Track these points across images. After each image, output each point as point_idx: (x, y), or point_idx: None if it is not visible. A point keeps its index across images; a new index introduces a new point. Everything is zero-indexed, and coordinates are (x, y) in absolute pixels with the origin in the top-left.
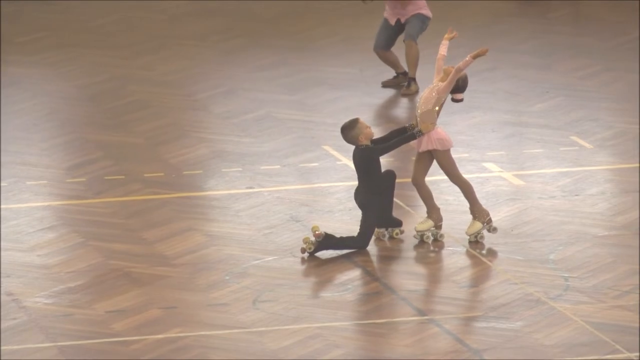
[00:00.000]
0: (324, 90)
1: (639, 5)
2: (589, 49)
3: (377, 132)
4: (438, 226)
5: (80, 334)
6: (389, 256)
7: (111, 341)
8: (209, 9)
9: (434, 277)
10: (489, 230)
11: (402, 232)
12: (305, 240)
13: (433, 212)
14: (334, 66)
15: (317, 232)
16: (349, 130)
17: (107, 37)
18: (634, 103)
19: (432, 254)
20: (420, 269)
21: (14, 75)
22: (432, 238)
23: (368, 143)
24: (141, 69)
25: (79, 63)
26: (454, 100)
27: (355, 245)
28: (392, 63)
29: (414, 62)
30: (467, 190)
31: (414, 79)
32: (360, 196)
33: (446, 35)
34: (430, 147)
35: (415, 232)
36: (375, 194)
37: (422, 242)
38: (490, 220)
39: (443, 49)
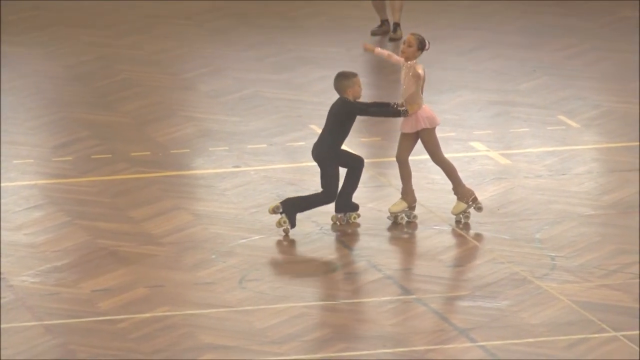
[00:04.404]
0: (311, 69)
1: None
2: (575, 28)
3: None
4: (412, 207)
5: (67, 312)
6: (375, 235)
7: (97, 320)
8: None
9: (420, 256)
10: (475, 209)
11: (359, 215)
12: (278, 222)
13: (408, 193)
14: (322, 46)
15: (273, 208)
16: (343, 79)
17: (95, 17)
18: (620, 82)
19: (417, 234)
20: (407, 248)
21: (1, 54)
22: (405, 219)
23: (352, 100)
24: (129, 48)
25: (66, 42)
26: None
27: (323, 200)
28: (379, 9)
29: (398, 8)
30: (450, 171)
31: (398, 24)
32: (318, 150)
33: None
34: (419, 128)
35: (389, 214)
36: (333, 158)
37: (395, 223)
38: (475, 199)
39: (384, 52)
